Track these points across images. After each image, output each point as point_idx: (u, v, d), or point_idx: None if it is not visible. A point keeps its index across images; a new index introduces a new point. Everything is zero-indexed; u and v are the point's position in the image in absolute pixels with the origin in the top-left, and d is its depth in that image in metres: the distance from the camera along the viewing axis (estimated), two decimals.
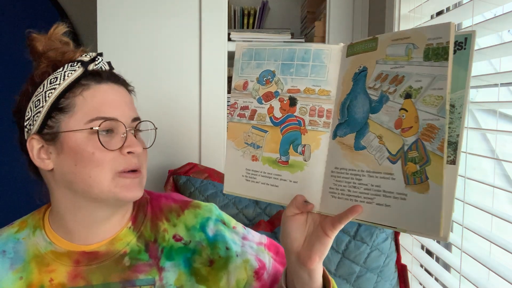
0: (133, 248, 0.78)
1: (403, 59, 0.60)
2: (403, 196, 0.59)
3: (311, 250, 0.66)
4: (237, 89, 0.77)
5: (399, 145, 0.60)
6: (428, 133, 0.57)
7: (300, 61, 0.72)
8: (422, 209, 0.57)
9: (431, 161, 0.56)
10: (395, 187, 0.60)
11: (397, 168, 0.60)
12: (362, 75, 0.66)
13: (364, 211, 0.63)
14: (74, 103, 0.73)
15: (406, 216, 0.59)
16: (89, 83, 0.74)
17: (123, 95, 0.78)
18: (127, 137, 0.74)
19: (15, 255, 0.77)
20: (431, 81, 0.57)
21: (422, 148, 0.58)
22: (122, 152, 0.73)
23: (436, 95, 0.57)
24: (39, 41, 0.77)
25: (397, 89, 0.61)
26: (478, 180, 0.96)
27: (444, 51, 0.56)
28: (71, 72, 0.74)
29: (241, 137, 0.76)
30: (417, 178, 0.58)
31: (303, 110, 0.71)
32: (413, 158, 0.58)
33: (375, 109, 0.63)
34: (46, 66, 0.76)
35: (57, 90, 0.73)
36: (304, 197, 0.69)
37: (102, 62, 0.78)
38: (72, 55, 0.77)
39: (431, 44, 0.57)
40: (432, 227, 0.56)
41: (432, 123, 0.57)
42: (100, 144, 0.71)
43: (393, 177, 0.60)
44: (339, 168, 0.66)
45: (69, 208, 0.76)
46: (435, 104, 0.57)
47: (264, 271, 0.82)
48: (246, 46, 0.76)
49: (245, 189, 0.75)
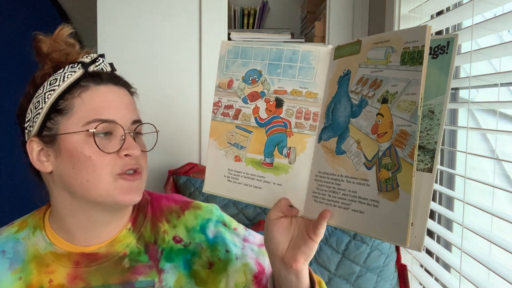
0: (133, 249, 0.78)
1: (382, 63, 0.59)
2: (375, 203, 0.58)
3: (296, 252, 0.66)
4: (221, 87, 0.75)
5: (374, 151, 0.59)
6: (400, 139, 0.56)
7: (288, 61, 0.70)
8: (392, 217, 0.55)
9: (402, 168, 0.55)
10: (369, 194, 0.59)
11: (371, 174, 0.59)
12: (346, 79, 0.64)
13: (340, 217, 0.62)
14: (72, 104, 0.72)
15: (377, 224, 0.57)
16: (88, 85, 0.73)
17: (123, 97, 0.76)
18: (125, 139, 0.73)
19: (15, 255, 0.77)
20: (405, 86, 0.56)
21: (394, 155, 0.56)
22: (120, 155, 0.72)
23: (410, 100, 0.55)
24: (44, 43, 0.77)
25: (375, 93, 0.59)
26: (478, 180, 0.96)
27: (419, 55, 0.54)
28: (71, 74, 0.74)
29: (224, 137, 0.74)
30: (388, 185, 0.56)
31: (290, 112, 0.69)
32: (386, 165, 0.57)
33: (355, 114, 0.62)
34: (49, 68, 0.76)
35: (56, 91, 0.73)
36: (288, 200, 0.68)
37: (103, 64, 0.77)
38: (76, 56, 0.76)
39: (408, 47, 0.55)
40: (399, 236, 0.54)
41: (405, 129, 0.55)
42: (97, 147, 0.70)
43: (368, 183, 0.59)
44: (321, 172, 0.65)
45: (68, 210, 0.75)
46: (408, 109, 0.55)
47: (263, 275, 0.81)
48: (232, 44, 0.74)
49: (226, 190, 0.74)
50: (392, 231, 0.55)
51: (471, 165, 1.19)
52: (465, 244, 0.98)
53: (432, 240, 1.20)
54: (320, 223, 0.63)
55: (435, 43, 0.58)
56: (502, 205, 1.09)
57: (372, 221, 0.58)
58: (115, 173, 0.72)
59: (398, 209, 0.55)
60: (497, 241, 0.88)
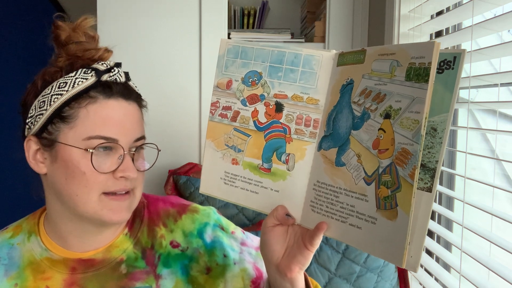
0: (130, 255, 0.76)
1: (387, 76, 0.57)
2: (373, 220, 0.56)
3: (291, 261, 0.65)
4: (219, 88, 0.73)
5: (375, 167, 0.57)
6: (402, 158, 0.54)
7: (289, 65, 0.68)
8: (388, 236, 0.54)
9: (401, 187, 0.53)
10: (367, 210, 0.57)
11: (370, 190, 0.57)
12: (348, 88, 0.62)
13: (337, 229, 0.61)
14: (77, 114, 0.69)
15: (374, 241, 0.56)
16: (97, 96, 0.70)
17: (131, 113, 0.73)
18: (124, 160, 0.70)
19: (10, 261, 0.75)
20: (409, 103, 0.53)
21: (395, 173, 0.54)
22: (115, 175, 0.69)
23: (413, 118, 0.53)
24: (64, 30, 0.73)
25: (378, 107, 0.57)
26: (478, 180, 0.96)
27: (425, 73, 0.51)
28: (82, 81, 0.70)
29: (222, 138, 0.72)
30: (387, 203, 0.55)
31: (290, 117, 0.68)
32: (386, 182, 0.55)
33: (357, 126, 0.60)
34: (62, 62, 0.72)
35: (64, 96, 0.69)
36: (285, 209, 0.67)
37: (118, 74, 0.72)
38: (94, 53, 0.72)
39: (414, 63, 0.53)
40: (396, 256, 0.53)
41: (406, 148, 0.53)
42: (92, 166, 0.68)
43: (366, 199, 0.58)
44: (320, 182, 0.64)
45: (60, 217, 0.74)
46: (411, 128, 0.53)
47: (261, 280, 0.80)
48: (232, 43, 0.72)
49: (222, 192, 0.73)
50: (389, 250, 0.54)
51: (471, 165, 1.19)
52: (465, 244, 0.98)
53: (432, 240, 1.20)
54: (316, 235, 0.63)
55: (441, 58, 0.56)
56: (502, 205, 1.08)
57: (369, 238, 0.57)
58: (104, 191, 0.69)
59: (396, 229, 0.53)
60: (497, 241, 0.88)
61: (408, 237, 0.52)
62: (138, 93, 0.77)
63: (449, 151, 1.23)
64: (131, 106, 0.73)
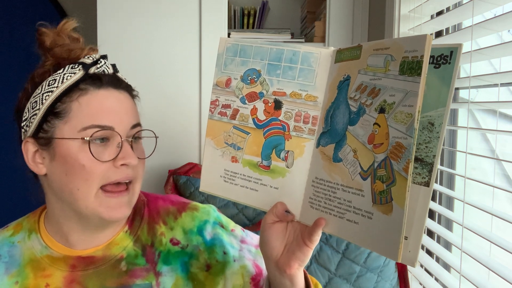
0: (130, 252, 0.77)
1: (381, 71, 0.57)
2: (369, 215, 0.57)
3: (290, 258, 0.65)
4: (219, 86, 0.73)
5: (370, 161, 0.57)
6: (396, 152, 0.54)
7: (288, 62, 0.68)
8: (384, 230, 0.55)
9: (396, 181, 0.53)
10: (363, 205, 0.58)
11: (366, 185, 0.57)
12: (345, 84, 0.63)
13: (335, 225, 0.61)
14: (70, 108, 0.70)
15: (370, 236, 0.57)
16: (88, 88, 0.70)
17: (123, 101, 0.73)
18: (122, 147, 0.70)
19: (10, 259, 0.75)
20: (403, 97, 0.54)
21: (389, 167, 0.54)
22: (116, 164, 0.69)
23: (407, 112, 0.53)
24: (47, 36, 0.74)
25: (373, 102, 0.58)
26: (478, 180, 0.96)
27: (418, 66, 0.52)
28: (70, 75, 0.71)
29: (221, 136, 0.73)
30: (383, 198, 0.55)
31: (288, 114, 0.68)
32: (381, 177, 0.55)
33: (353, 121, 0.61)
34: (50, 64, 0.73)
35: (54, 93, 0.70)
36: (285, 205, 0.67)
37: (105, 65, 0.74)
38: (79, 53, 0.73)
39: (407, 57, 0.53)
40: (391, 250, 0.54)
41: (400, 142, 0.53)
42: (92, 155, 0.68)
43: (362, 194, 0.58)
44: (318, 179, 0.64)
45: (61, 215, 0.74)
46: (404, 121, 0.53)
47: (261, 277, 0.80)
48: (231, 41, 0.72)
49: (222, 190, 0.73)
50: (384, 245, 0.55)
51: (471, 165, 1.19)
52: (465, 244, 0.98)
53: (432, 240, 1.20)
54: (315, 231, 0.63)
55: (437, 52, 0.56)
56: (502, 205, 1.09)
57: (366, 233, 0.57)
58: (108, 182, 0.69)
59: (391, 223, 0.54)
60: (497, 241, 0.88)
61: (403, 232, 0.53)
62: (127, 83, 0.78)
63: (449, 151, 1.23)
64: (122, 95, 0.74)
